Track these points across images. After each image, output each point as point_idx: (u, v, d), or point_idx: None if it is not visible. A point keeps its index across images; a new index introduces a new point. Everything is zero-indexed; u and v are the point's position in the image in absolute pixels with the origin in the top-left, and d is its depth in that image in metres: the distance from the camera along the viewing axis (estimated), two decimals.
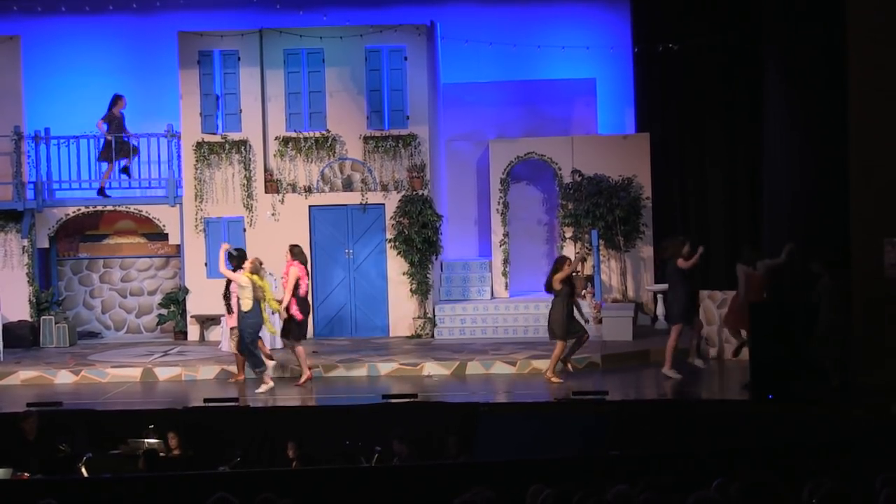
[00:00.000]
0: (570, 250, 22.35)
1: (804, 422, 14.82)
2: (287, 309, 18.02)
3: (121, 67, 23.65)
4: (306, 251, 21.80)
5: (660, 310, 21.82)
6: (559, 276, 17.66)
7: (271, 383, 17.83)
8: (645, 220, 22.41)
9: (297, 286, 18.03)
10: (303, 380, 18.17)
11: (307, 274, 18.47)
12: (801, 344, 16.20)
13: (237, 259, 18.26)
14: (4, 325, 21.23)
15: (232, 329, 18.46)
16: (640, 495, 8.21)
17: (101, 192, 22.47)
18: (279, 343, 20.47)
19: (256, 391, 17.63)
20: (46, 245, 22.70)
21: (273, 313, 18.44)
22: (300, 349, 18.30)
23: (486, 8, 23.93)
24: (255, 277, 17.69)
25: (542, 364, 18.66)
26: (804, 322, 16.39)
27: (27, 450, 15.09)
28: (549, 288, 17.90)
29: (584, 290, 21.87)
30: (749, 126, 22.54)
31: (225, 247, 18.48)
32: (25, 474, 14.07)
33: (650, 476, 8.90)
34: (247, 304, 17.63)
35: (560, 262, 18.03)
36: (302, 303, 18.18)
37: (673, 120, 23.43)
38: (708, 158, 23.39)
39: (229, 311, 18.58)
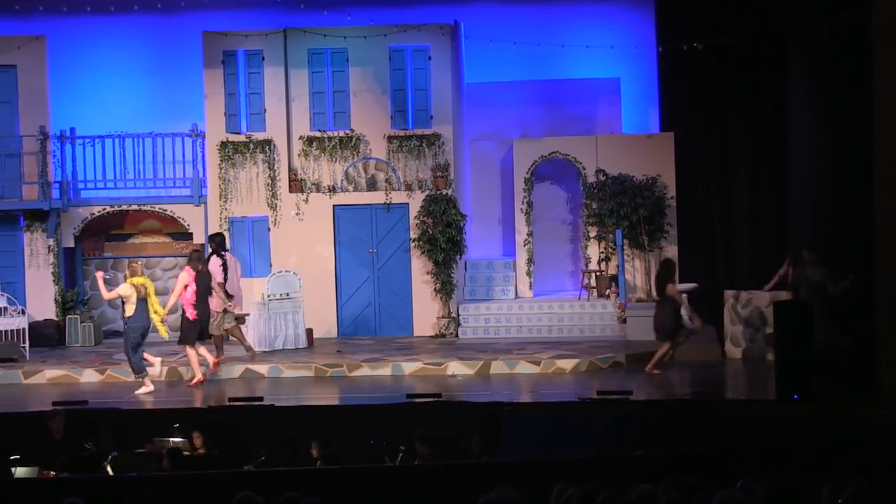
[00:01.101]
0: (594, 250, 22.35)
1: (829, 422, 14.76)
2: (182, 312, 18.57)
3: (145, 67, 23.76)
4: (330, 250, 21.99)
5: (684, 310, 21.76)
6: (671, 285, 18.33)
7: (151, 387, 18.05)
8: (669, 219, 22.34)
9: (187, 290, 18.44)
10: (193, 381, 18.49)
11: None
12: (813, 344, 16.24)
13: (217, 245, 19.20)
14: (31, 325, 21.31)
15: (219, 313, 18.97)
16: (665, 495, 8.20)
17: None
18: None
19: (136, 391, 17.85)
20: (72, 244, 22.79)
21: (163, 319, 18.47)
22: (191, 352, 18.56)
23: (510, 7, 23.91)
24: (137, 280, 17.91)
25: (566, 364, 18.71)
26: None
27: (53, 448, 15.14)
28: (660, 292, 18.51)
29: (608, 290, 21.87)
30: (773, 125, 22.44)
31: (100, 275, 18.56)
32: (51, 473, 14.11)
33: (674, 476, 8.87)
34: (130, 310, 17.89)
35: (669, 266, 18.82)
36: (196, 305, 18.52)
37: (697, 119, 23.36)
38: (732, 158, 23.31)
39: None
